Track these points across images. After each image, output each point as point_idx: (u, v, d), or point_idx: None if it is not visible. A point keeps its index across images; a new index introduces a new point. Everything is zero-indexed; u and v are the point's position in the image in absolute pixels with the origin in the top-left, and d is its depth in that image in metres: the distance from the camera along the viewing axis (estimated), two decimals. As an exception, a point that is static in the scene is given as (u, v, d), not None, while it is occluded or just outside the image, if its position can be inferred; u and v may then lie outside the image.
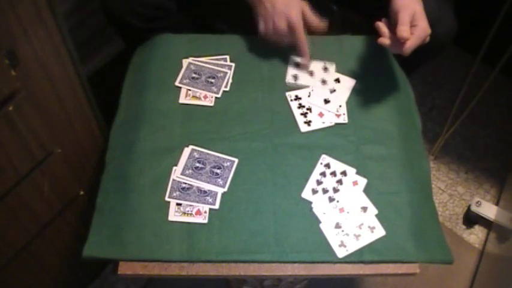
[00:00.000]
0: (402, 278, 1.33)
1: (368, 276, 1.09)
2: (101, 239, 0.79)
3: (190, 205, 0.81)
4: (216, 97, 0.93)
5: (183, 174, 0.83)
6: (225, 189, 0.82)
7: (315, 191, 0.83)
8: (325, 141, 0.88)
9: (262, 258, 0.77)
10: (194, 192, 0.82)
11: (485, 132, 1.65)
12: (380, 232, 0.79)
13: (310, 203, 0.82)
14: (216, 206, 0.81)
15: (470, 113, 1.60)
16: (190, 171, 0.84)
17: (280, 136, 0.88)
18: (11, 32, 0.72)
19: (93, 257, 0.78)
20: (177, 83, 0.94)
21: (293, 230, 0.79)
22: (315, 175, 0.84)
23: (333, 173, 0.85)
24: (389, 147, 0.88)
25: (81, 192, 1.03)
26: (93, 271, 1.34)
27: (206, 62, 0.97)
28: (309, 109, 0.92)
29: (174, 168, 0.84)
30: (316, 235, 0.79)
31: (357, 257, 0.77)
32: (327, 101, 0.93)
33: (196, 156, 0.86)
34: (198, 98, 0.93)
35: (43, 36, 0.77)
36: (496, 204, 1.46)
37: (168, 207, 0.80)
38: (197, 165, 0.85)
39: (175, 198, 0.81)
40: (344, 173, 0.84)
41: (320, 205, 0.81)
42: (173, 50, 0.99)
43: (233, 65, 0.97)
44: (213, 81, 0.94)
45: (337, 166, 0.85)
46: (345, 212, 0.81)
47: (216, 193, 0.82)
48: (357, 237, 0.79)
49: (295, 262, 0.78)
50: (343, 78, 0.96)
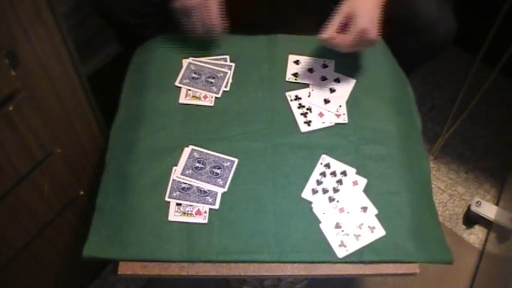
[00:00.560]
0: (402, 278, 1.33)
1: (368, 276, 1.09)
2: (101, 239, 0.79)
3: (190, 205, 0.81)
4: (216, 97, 0.93)
5: (183, 174, 0.83)
6: (225, 189, 0.82)
7: (315, 191, 0.83)
8: (325, 141, 0.88)
9: (262, 258, 0.77)
10: (194, 192, 0.82)
11: (485, 132, 1.65)
12: (380, 232, 0.79)
13: (310, 203, 0.82)
14: (216, 206, 0.81)
15: (470, 113, 1.60)
16: (190, 171, 0.84)
17: (280, 136, 0.88)
18: (11, 32, 0.72)
19: (93, 257, 0.78)
20: (177, 83, 0.94)
21: (293, 230, 0.79)
22: (315, 175, 0.84)
23: (333, 173, 0.85)
24: (389, 147, 0.88)
25: (81, 192, 1.03)
26: (93, 271, 1.34)
27: (206, 62, 0.97)
28: (309, 109, 0.92)
29: (174, 168, 0.84)
30: (316, 235, 0.79)
31: (357, 257, 0.77)
32: (327, 101, 0.93)
33: (196, 156, 0.86)
34: (198, 98, 0.93)
35: (43, 36, 0.77)
36: (496, 204, 1.46)
37: (168, 207, 0.80)
38: (197, 165, 0.85)
39: (175, 198, 0.81)
40: (344, 173, 0.84)
41: (320, 205, 0.81)
42: (173, 50, 0.99)
43: (233, 65, 0.97)
44: (213, 81, 0.94)
45: (337, 166, 0.85)
46: (345, 212, 0.81)
47: (216, 193, 0.82)
48: (357, 237, 0.79)
49: (295, 262, 0.78)
50: (343, 78, 0.96)
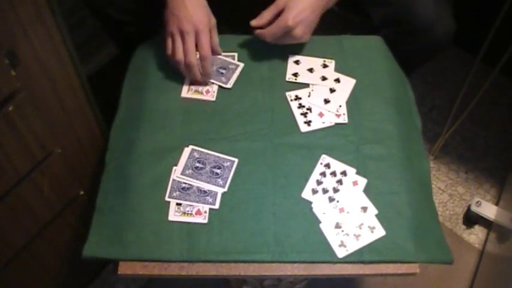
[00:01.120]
0: (402, 278, 1.33)
1: (368, 276, 1.09)
2: (101, 239, 0.79)
3: (190, 205, 0.81)
4: (217, 93, 0.93)
5: (183, 174, 0.83)
6: (225, 189, 0.82)
7: (315, 191, 0.83)
8: (325, 141, 0.88)
9: (262, 258, 0.77)
10: (194, 192, 0.82)
11: (485, 132, 1.65)
12: (380, 232, 0.79)
13: (310, 203, 0.82)
14: (216, 206, 0.81)
15: (470, 113, 1.59)
16: (190, 171, 0.84)
17: (280, 136, 0.88)
18: (11, 32, 0.72)
19: (93, 257, 0.78)
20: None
21: (293, 230, 0.79)
22: (315, 175, 0.84)
23: (333, 173, 0.85)
24: (389, 147, 0.88)
25: (81, 192, 1.03)
26: (93, 271, 1.34)
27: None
28: (309, 109, 0.92)
29: (174, 168, 0.84)
30: (316, 235, 0.79)
31: (356, 257, 0.77)
32: (327, 101, 0.93)
33: (196, 156, 0.86)
34: (200, 92, 0.93)
35: (43, 36, 0.77)
36: (496, 204, 1.46)
37: (168, 207, 0.80)
38: (197, 165, 0.85)
39: (175, 198, 0.81)
40: (344, 173, 0.84)
41: (320, 205, 0.81)
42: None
43: (242, 64, 0.97)
44: (223, 71, 0.94)
45: (337, 166, 0.85)
46: (345, 212, 0.81)
47: (216, 193, 0.82)
48: (357, 237, 0.79)
49: (295, 262, 0.78)
50: (343, 78, 0.96)
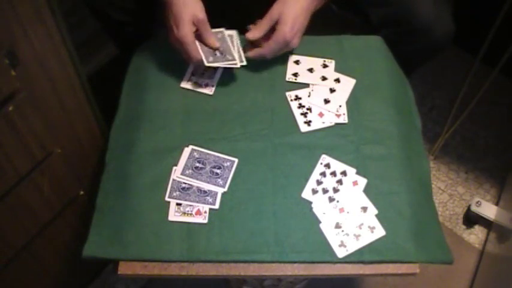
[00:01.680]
0: (402, 278, 1.33)
1: (368, 276, 1.09)
2: (101, 239, 0.79)
3: (190, 205, 0.81)
4: (217, 90, 0.93)
5: (183, 174, 0.83)
6: (225, 189, 0.82)
7: (315, 191, 0.83)
8: (325, 141, 0.88)
9: (262, 258, 0.77)
10: (194, 192, 0.82)
11: (485, 132, 1.65)
12: (380, 232, 0.79)
13: (310, 203, 0.82)
14: (216, 206, 0.81)
15: (470, 113, 1.59)
16: (190, 171, 0.84)
17: (280, 136, 0.88)
18: (11, 32, 0.72)
19: (93, 257, 0.78)
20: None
21: (293, 230, 0.79)
22: (315, 175, 0.84)
23: (333, 173, 0.85)
24: (389, 147, 0.88)
25: (81, 192, 1.03)
26: (93, 271, 1.34)
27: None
28: (309, 109, 0.92)
29: (174, 168, 0.84)
30: (316, 235, 0.79)
31: (356, 257, 0.77)
32: (327, 101, 0.93)
33: (196, 156, 0.86)
34: (200, 85, 0.93)
35: (43, 36, 0.77)
36: (496, 204, 1.46)
37: (168, 207, 0.80)
38: (197, 165, 0.85)
39: (175, 198, 0.81)
40: (344, 173, 0.84)
41: (320, 205, 0.81)
42: (174, 49, 0.99)
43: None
44: (229, 58, 0.94)
45: (337, 166, 0.85)
46: (345, 212, 0.81)
47: (216, 193, 0.82)
48: (357, 237, 0.79)
49: (295, 262, 0.78)
50: (343, 78, 0.96)
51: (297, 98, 0.93)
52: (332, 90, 0.94)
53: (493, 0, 1.40)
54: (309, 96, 0.93)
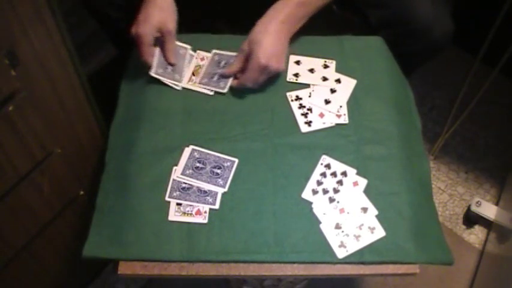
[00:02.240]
0: (402, 278, 1.33)
1: (368, 277, 1.09)
2: (101, 239, 0.79)
3: (191, 205, 0.81)
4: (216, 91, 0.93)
5: (183, 174, 0.83)
6: (225, 189, 0.82)
7: (315, 192, 0.83)
8: (326, 142, 0.88)
9: (262, 258, 0.77)
10: (194, 192, 0.82)
11: (485, 132, 1.65)
12: (380, 233, 0.79)
13: (311, 203, 0.82)
14: (216, 206, 0.81)
15: (470, 113, 1.59)
16: (190, 171, 0.84)
17: (281, 136, 0.88)
18: (11, 32, 0.71)
19: (93, 257, 0.78)
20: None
21: (293, 230, 0.79)
22: (315, 175, 0.84)
23: (333, 174, 0.84)
24: (389, 148, 0.88)
25: (81, 192, 1.03)
26: (93, 271, 1.34)
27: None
28: (310, 109, 0.91)
29: (174, 168, 0.84)
30: (316, 235, 0.79)
31: (357, 258, 0.77)
32: (327, 102, 0.93)
33: (197, 156, 0.85)
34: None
35: (43, 36, 0.77)
36: (496, 204, 1.46)
37: (168, 207, 0.80)
38: (197, 165, 0.85)
39: (176, 198, 0.81)
40: (344, 174, 0.84)
41: (320, 205, 0.81)
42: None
43: None
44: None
45: (338, 166, 0.85)
46: (345, 212, 0.81)
47: (216, 193, 0.82)
48: (357, 237, 0.79)
49: (295, 262, 0.78)
50: (344, 78, 0.96)
51: (298, 98, 0.93)
52: (333, 91, 0.94)
53: (493, 0, 1.40)
54: (309, 96, 0.93)
